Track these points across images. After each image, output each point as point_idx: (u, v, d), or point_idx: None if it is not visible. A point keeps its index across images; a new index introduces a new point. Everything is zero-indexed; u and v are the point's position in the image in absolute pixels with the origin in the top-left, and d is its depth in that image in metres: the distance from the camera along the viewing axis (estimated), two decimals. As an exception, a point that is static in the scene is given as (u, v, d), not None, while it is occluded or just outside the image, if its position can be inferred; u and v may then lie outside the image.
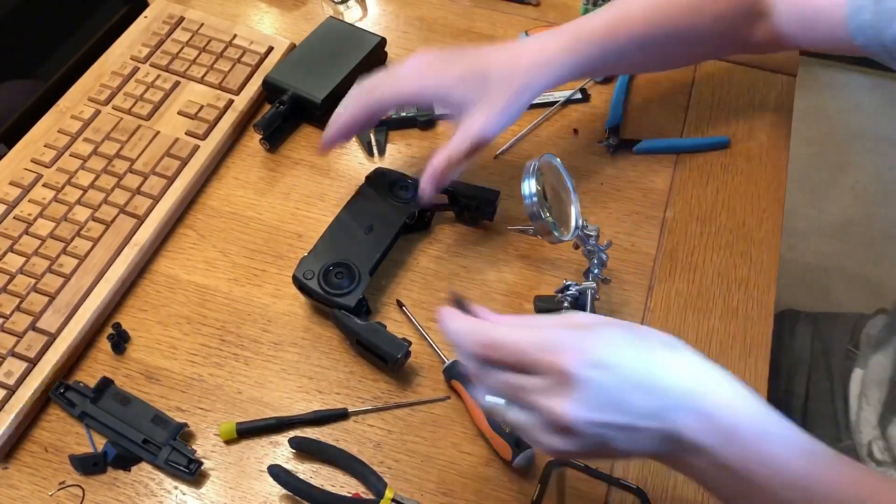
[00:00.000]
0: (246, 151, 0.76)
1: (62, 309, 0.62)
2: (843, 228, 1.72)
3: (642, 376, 0.41)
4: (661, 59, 0.70)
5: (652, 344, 0.43)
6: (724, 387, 0.43)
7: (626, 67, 0.74)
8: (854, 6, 0.60)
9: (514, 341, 0.42)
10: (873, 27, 0.58)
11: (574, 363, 0.40)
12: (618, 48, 0.64)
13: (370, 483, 0.55)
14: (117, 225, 0.67)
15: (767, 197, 0.72)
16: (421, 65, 0.62)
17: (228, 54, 0.79)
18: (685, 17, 0.65)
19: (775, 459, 0.42)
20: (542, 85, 0.62)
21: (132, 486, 0.56)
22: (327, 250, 0.63)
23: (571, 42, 0.63)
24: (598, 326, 0.43)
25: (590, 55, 0.63)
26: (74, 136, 0.72)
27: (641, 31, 0.65)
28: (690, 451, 0.42)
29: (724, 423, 0.41)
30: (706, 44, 0.68)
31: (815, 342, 0.84)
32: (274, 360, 0.62)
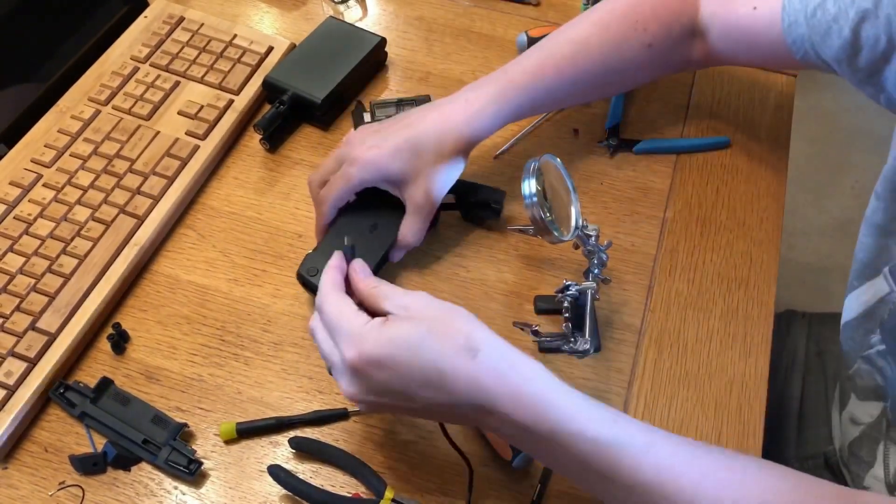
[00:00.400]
0: (246, 151, 0.76)
1: (62, 309, 0.62)
2: (843, 228, 1.72)
3: (429, 376, 0.45)
4: (596, 91, 0.71)
5: (449, 347, 0.45)
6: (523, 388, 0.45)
7: (562, 103, 0.74)
8: (788, 21, 0.60)
9: (333, 309, 0.49)
10: (809, 40, 0.59)
11: (357, 360, 0.46)
12: (546, 90, 0.65)
13: (370, 483, 0.55)
14: (117, 225, 0.67)
15: (767, 197, 0.72)
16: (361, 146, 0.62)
17: (228, 54, 0.79)
18: (613, 52, 0.66)
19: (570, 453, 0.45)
20: (475, 137, 0.63)
21: (132, 486, 0.56)
22: (332, 247, 0.63)
23: (499, 91, 0.64)
24: (400, 323, 0.46)
25: (518, 102, 0.64)
26: (74, 136, 0.72)
27: (569, 72, 0.65)
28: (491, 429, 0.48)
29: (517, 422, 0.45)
30: (641, 70, 0.69)
31: (809, 343, 0.83)
32: (274, 360, 0.62)
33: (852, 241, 0.63)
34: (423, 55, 0.83)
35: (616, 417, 0.46)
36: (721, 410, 0.60)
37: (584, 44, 0.66)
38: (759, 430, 0.59)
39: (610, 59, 0.66)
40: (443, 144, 0.62)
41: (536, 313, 0.65)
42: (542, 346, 0.62)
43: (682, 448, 0.45)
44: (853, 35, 0.54)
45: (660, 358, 0.63)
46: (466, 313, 0.48)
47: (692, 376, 0.62)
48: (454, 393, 0.45)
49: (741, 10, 0.64)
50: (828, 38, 0.57)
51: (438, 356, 0.45)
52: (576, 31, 0.67)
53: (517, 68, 0.65)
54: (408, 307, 0.48)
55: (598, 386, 0.61)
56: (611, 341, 0.63)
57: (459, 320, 0.47)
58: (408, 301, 0.48)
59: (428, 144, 0.62)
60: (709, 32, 0.67)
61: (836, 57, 0.57)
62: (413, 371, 0.45)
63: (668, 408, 0.60)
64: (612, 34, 0.66)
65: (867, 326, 0.62)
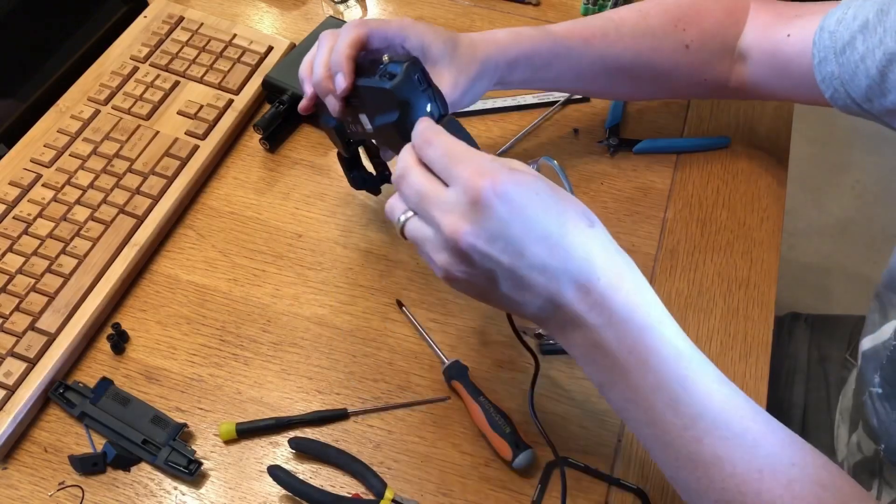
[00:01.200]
0: (246, 151, 0.76)
1: (62, 309, 0.62)
2: (843, 228, 1.72)
3: (550, 231, 0.41)
4: (622, 79, 0.68)
5: (572, 209, 0.42)
6: (627, 274, 0.43)
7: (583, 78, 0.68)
8: (819, 57, 0.59)
9: (448, 144, 0.43)
10: (839, 78, 0.58)
11: (488, 188, 0.40)
12: (569, 51, 0.64)
13: (370, 483, 0.55)
14: (117, 225, 0.67)
15: (767, 197, 0.72)
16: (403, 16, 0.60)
17: (228, 54, 0.79)
18: (647, 40, 0.65)
19: (652, 356, 0.42)
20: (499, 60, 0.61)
21: (132, 486, 0.56)
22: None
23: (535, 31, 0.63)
24: (529, 174, 0.43)
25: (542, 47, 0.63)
26: (74, 135, 0.72)
27: (598, 45, 0.64)
28: (570, 323, 0.43)
29: (611, 305, 0.42)
30: (676, 71, 0.67)
31: (812, 349, 0.83)
32: (274, 360, 0.62)
33: (852, 241, 0.63)
34: (423, 55, 0.83)
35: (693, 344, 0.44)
36: (721, 410, 0.60)
37: (619, 23, 0.65)
38: (760, 431, 0.59)
39: (642, 46, 0.65)
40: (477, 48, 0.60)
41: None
42: (545, 348, 0.61)
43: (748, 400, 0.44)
44: (880, 76, 0.54)
45: (660, 358, 0.63)
46: None
47: (692, 376, 0.62)
48: (568, 255, 0.41)
49: (777, 37, 0.63)
50: (856, 77, 0.57)
51: (563, 213, 0.42)
52: (614, 13, 0.66)
53: (557, 25, 0.65)
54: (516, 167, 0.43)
55: (599, 386, 0.61)
56: (611, 341, 0.63)
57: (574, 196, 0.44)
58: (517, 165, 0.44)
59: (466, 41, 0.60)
60: (747, 58, 0.66)
61: (864, 96, 0.57)
62: (539, 216, 0.41)
63: (669, 408, 0.60)
64: (651, 23, 0.65)
65: (873, 365, 0.62)
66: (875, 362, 0.60)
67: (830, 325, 0.85)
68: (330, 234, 0.69)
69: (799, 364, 0.82)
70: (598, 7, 0.87)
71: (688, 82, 0.69)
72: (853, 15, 0.57)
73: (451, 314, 0.64)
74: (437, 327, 0.64)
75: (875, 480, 0.62)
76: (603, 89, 0.71)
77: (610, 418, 0.59)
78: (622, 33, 0.65)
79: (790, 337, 0.85)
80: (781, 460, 0.41)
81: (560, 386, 0.61)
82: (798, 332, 0.85)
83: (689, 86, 0.69)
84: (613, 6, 0.86)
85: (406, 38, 0.58)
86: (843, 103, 0.59)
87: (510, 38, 0.62)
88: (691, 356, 0.43)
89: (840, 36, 0.58)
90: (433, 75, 0.56)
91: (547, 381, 0.61)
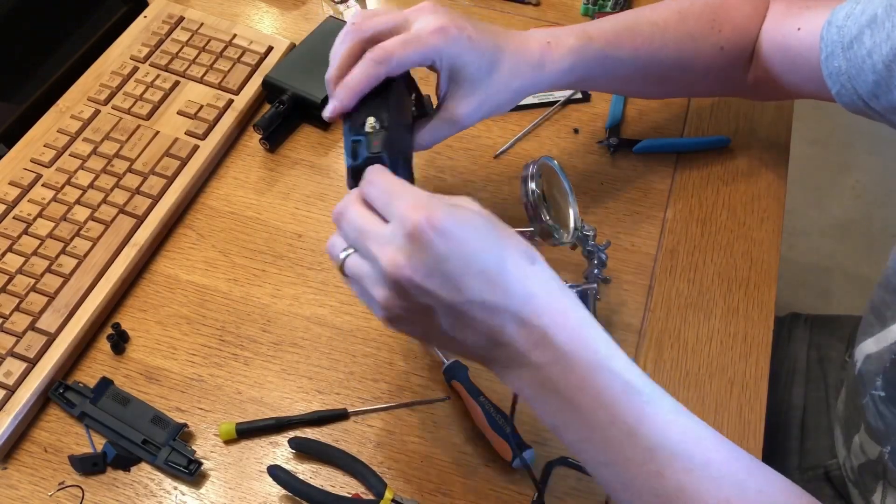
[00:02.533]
0: (246, 151, 0.76)
1: (62, 309, 0.62)
2: (843, 228, 1.72)
3: (488, 267, 0.41)
4: (657, 83, 0.68)
5: (513, 246, 0.42)
6: (570, 311, 0.42)
7: (625, 84, 0.68)
8: (826, 52, 0.59)
9: (389, 181, 0.44)
10: (846, 73, 0.58)
11: (424, 222, 0.40)
12: (619, 62, 0.62)
13: (370, 483, 0.55)
14: (117, 225, 0.67)
15: (767, 197, 0.72)
16: (437, 20, 0.53)
17: (228, 54, 0.79)
18: (687, 45, 0.64)
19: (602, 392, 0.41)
20: (538, 86, 0.60)
21: (132, 486, 0.56)
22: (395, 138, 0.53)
23: (579, 46, 0.60)
24: (467, 208, 0.42)
25: (593, 64, 0.61)
26: (74, 135, 0.72)
27: (644, 52, 0.63)
28: (516, 362, 0.42)
29: (555, 342, 0.41)
30: (708, 75, 0.66)
31: (811, 350, 0.83)
32: (274, 360, 0.62)
33: (852, 241, 0.63)
34: (423, 55, 0.83)
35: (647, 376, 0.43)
36: (721, 411, 0.60)
37: (663, 29, 0.64)
38: (760, 431, 0.59)
39: (685, 51, 0.64)
40: (513, 76, 0.57)
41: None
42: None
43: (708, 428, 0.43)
44: (887, 71, 0.54)
45: (660, 358, 0.63)
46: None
47: (692, 376, 0.62)
48: (507, 291, 0.41)
49: (787, 30, 0.63)
50: (862, 72, 0.56)
51: (503, 249, 0.41)
52: (657, 15, 0.64)
53: (597, 30, 0.61)
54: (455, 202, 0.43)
55: (599, 386, 0.61)
56: (611, 341, 0.63)
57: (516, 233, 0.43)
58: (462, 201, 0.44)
59: (504, 67, 0.56)
60: (760, 52, 0.65)
61: (871, 92, 0.57)
62: (476, 253, 0.41)
63: (669, 408, 0.60)
64: (690, 27, 0.64)
65: (875, 368, 0.61)
66: (878, 365, 0.60)
67: (830, 325, 0.85)
68: (330, 233, 0.69)
69: (798, 365, 0.82)
70: (598, 7, 0.87)
71: (716, 82, 0.68)
72: (861, 10, 0.57)
73: (451, 314, 0.64)
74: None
75: (879, 483, 0.62)
76: (635, 90, 0.71)
77: (610, 418, 0.59)
78: (666, 39, 0.64)
79: (790, 337, 0.85)
80: (748, 487, 0.41)
81: (560, 386, 0.61)
82: (797, 333, 0.85)
83: (716, 85, 0.69)
84: (614, 6, 0.86)
85: (439, 60, 0.54)
86: (850, 100, 0.59)
87: (558, 59, 0.59)
88: (644, 389, 0.42)
89: (848, 31, 0.57)
90: (455, 94, 0.56)
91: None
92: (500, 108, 0.59)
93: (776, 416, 0.43)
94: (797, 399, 0.79)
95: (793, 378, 0.81)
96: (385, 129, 0.51)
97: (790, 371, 0.82)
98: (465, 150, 0.75)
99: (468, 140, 0.75)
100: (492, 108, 0.58)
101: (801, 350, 0.83)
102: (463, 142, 0.75)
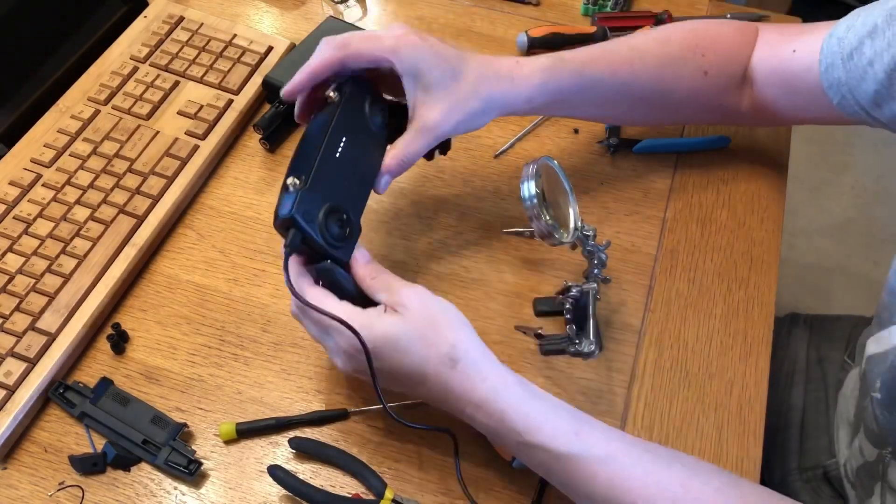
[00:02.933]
0: (245, 151, 0.76)
1: (62, 309, 0.62)
2: (843, 228, 1.72)
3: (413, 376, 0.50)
4: (643, 107, 0.67)
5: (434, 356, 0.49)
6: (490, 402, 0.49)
7: (607, 107, 0.67)
8: (826, 63, 0.59)
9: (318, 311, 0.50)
10: (846, 84, 0.58)
11: (347, 348, 0.50)
12: (596, 81, 0.62)
13: (370, 483, 0.55)
14: (117, 225, 0.67)
15: (767, 197, 0.72)
16: (402, 29, 0.57)
17: (228, 54, 0.79)
18: (668, 68, 0.64)
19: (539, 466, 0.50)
20: (511, 96, 0.59)
21: (132, 486, 0.56)
22: (323, 186, 0.52)
23: (550, 64, 0.61)
24: (392, 320, 0.49)
25: (566, 82, 0.61)
26: (74, 135, 0.72)
27: (623, 73, 0.63)
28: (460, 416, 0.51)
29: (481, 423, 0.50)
30: (694, 98, 0.66)
31: (810, 350, 0.83)
32: (274, 360, 0.62)
33: (852, 241, 0.63)
34: (423, 55, 0.83)
35: (579, 428, 0.48)
36: (721, 410, 0.60)
37: (643, 51, 0.64)
38: (760, 430, 0.59)
39: (665, 74, 0.64)
40: (480, 83, 0.57)
41: (536, 316, 0.64)
42: (545, 349, 0.61)
43: (643, 461, 0.47)
44: (888, 80, 0.54)
45: (660, 358, 0.63)
46: (455, 319, 0.51)
47: (692, 376, 0.62)
48: (431, 392, 0.50)
49: (783, 54, 0.63)
50: (863, 82, 0.57)
51: (423, 361, 0.49)
52: (636, 40, 0.65)
53: (571, 54, 0.62)
54: (403, 305, 0.50)
55: (599, 386, 0.61)
56: (611, 341, 0.63)
57: (448, 329, 0.50)
58: (403, 299, 0.50)
59: (470, 74, 0.57)
60: (755, 79, 0.65)
61: (872, 101, 0.57)
62: (399, 367, 0.49)
63: (668, 408, 0.60)
64: (672, 50, 0.65)
65: (877, 370, 0.61)
66: (879, 367, 0.60)
67: (829, 326, 0.85)
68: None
69: (798, 365, 0.82)
70: (598, 7, 0.87)
71: (704, 108, 0.68)
72: (862, 22, 0.57)
73: (451, 314, 0.64)
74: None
75: (877, 484, 0.62)
76: (620, 116, 0.71)
77: (609, 418, 0.59)
78: (646, 62, 0.64)
79: (789, 338, 0.85)
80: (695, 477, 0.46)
81: (559, 386, 0.61)
82: (797, 333, 0.85)
83: (705, 111, 0.69)
84: (614, 6, 0.86)
85: (397, 61, 0.55)
86: (851, 110, 0.59)
87: (528, 74, 0.60)
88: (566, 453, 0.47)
89: (848, 42, 0.58)
90: (424, 102, 0.56)
91: (546, 381, 0.61)
92: (473, 116, 0.58)
93: (775, 417, 0.44)
94: (796, 399, 0.79)
95: (792, 378, 0.81)
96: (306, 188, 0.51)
97: (789, 371, 0.82)
98: (465, 150, 0.75)
99: (468, 140, 0.75)
100: (464, 115, 0.58)
101: (800, 350, 0.83)
102: (463, 142, 0.75)
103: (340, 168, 0.54)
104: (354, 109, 0.56)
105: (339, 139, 0.54)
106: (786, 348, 0.84)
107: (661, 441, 0.58)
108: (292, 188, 0.51)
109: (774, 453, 0.76)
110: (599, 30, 0.83)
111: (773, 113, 0.67)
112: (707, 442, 0.58)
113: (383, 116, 0.58)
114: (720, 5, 0.89)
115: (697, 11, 0.88)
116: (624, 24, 0.85)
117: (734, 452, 0.58)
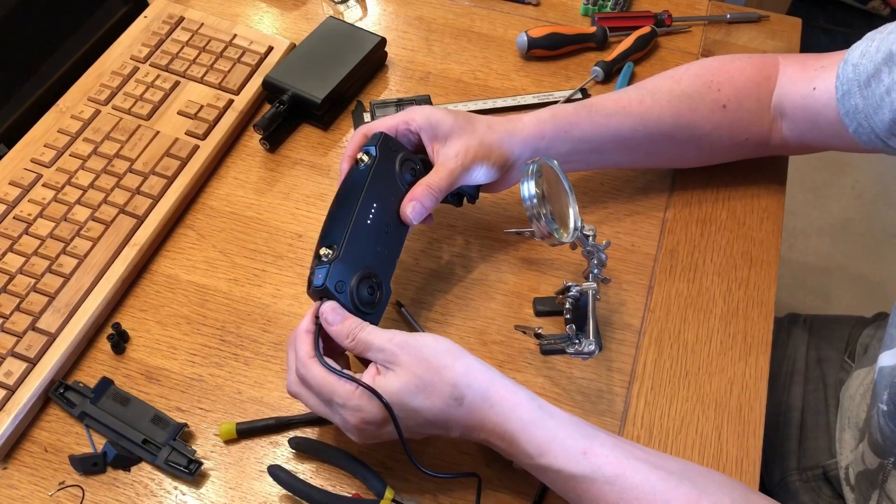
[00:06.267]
0: (246, 151, 0.76)
1: (62, 309, 0.62)
2: (843, 228, 1.72)
3: (434, 424, 0.50)
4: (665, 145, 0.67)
5: (438, 399, 0.49)
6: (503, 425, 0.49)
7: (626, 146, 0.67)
8: (843, 90, 0.59)
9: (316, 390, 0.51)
10: (863, 112, 0.58)
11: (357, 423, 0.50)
12: (607, 118, 0.64)
13: (370, 483, 0.55)
14: (117, 225, 0.67)
15: (767, 197, 0.72)
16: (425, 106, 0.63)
17: (228, 54, 0.79)
18: (683, 103, 0.65)
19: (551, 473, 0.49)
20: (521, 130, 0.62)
21: (132, 486, 0.56)
22: (354, 254, 0.54)
23: (554, 110, 0.63)
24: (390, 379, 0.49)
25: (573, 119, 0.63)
26: (74, 136, 0.72)
27: (636, 110, 0.64)
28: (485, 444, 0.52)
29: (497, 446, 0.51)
30: (717, 131, 0.66)
31: (810, 350, 0.83)
32: (274, 360, 0.62)
33: (852, 241, 0.63)
34: (423, 55, 0.83)
35: (588, 447, 0.48)
36: (721, 410, 0.60)
37: (653, 90, 0.65)
38: (760, 430, 0.59)
39: (680, 109, 0.65)
40: (493, 122, 0.62)
41: (536, 315, 0.64)
42: (545, 349, 0.61)
43: (651, 480, 0.46)
44: None
45: (660, 358, 0.63)
46: (447, 355, 0.50)
47: (692, 376, 0.62)
48: (453, 431, 0.51)
49: (804, 91, 0.64)
50: (880, 111, 0.57)
51: (434, 411, 0.49)
52: (645, 81, 0.67)
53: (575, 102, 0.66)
54: (393, 362, 0.50)
55: (599, 386, 0.61)
56: (611, 341, 0.63)
57: (444, 370, 0.49)
58: (389, 355, 0.50)
59: (482, 120, 0.61)
60: (783, 114, 0.66)
61: (888, 130, 0.57)
62: (414, 421, 0.50)
63: (669, 408, 0.60)
64: (684, 86, 0.65)
65: (886, 381, 0.61)
66: (889, 379, 0.60)
67: (828, 326, 0.85)
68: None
69: (797, 365, 0.82)
70: (598, 7, 0.87)
71: (730, 143, 0.68)
72: (876, 48, 0.57)
73: (450, 314, 0.65)
74: (437, 327, 0.64)
75: (875, 491, 0.62)
76: (647, 156, 0.70)
77: (609, 418, 0.59)
78: (657, 98, 0.65)
79: (788, 338, 0.85)
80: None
81: (559, 386, 0.61)
82: (796, 334, 0.85)
83: (732, 146, 0.69)
84: (613, 6, 0.86)
85: (413, 121, 0.60)
86: (867, 138, 0.60)
87: (537, 113, 0.63)
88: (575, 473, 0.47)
89: (864, 68, 0.58)
90: (444, 143, 0.59)
91: (546, 381, 0.61)
92: (488, 152, 0.60)
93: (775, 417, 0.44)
94: (796, 399, 0.79)
95: (791, 378, 0.81)
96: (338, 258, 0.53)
97: (789, 371, 0.82)
98: (465, 150, 0.75)
99: (468, 140, 0.75)
100: (481, 152, 0.60)
101: (799, 350, 0.83)
102: (463, 142, 0.75)
103: (371, 234, 0.56)
104: (385, 169, 0.58)
105: (371, 205, 0.57)
106: (785, 348, 0.84)
107: (661, 441, 0.59)
108: (325, 258, 0.53)
109: (774, 453, 0.76)
110: (599, 30, 0.83)
111: (804, 144, 0.68)
112: (707, 442, 0.59)
113: (413, 172, 0.60)
114: (720, 5, 0.89)
115: (697, 11, 0.88)
116: (624, 24, 0.85)
117: (734, 452, 0.58)
